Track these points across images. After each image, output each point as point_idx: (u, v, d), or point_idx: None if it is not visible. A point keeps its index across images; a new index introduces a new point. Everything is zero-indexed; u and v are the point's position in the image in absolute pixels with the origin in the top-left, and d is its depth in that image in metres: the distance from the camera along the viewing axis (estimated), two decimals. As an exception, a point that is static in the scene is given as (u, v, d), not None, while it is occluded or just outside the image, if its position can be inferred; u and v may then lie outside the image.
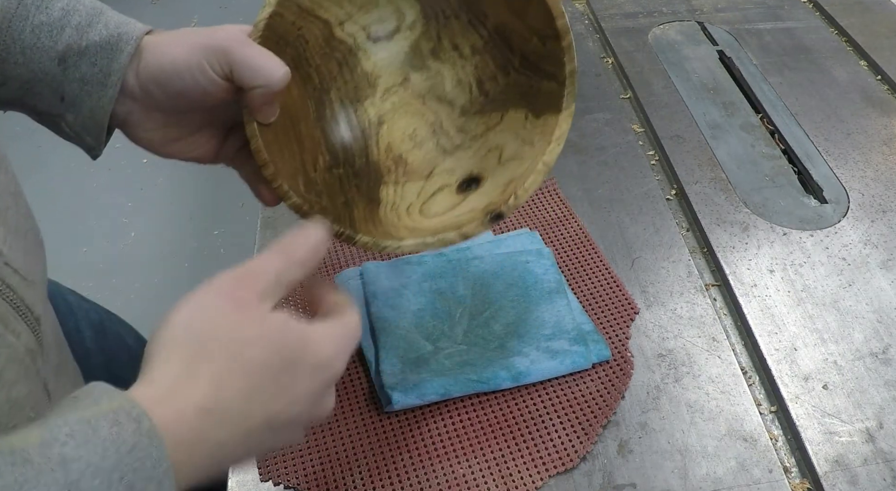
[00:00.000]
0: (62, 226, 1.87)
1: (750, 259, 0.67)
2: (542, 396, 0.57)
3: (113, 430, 0.30)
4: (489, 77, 0.55)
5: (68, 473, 0.28)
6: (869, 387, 0.57)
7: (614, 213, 0.72)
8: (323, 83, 0.54)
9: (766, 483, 0.52)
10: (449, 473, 0.53)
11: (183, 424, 0.33)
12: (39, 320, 0.44)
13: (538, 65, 0.52)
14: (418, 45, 0.56)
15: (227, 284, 0.38)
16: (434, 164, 0.55)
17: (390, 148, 0.56)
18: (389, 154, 0.55)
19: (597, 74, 0.90)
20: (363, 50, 0.55)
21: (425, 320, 0.60)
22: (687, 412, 0.56)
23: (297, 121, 0.51)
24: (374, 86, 0.56)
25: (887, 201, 0.72)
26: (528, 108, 0.53)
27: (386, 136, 0.56)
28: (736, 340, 0.62)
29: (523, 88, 0.54)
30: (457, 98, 0.56)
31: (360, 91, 0.55)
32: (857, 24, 0.96)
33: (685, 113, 0.83)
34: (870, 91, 0.86)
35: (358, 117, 0.55)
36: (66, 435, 0.29)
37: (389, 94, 0.56)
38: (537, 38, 0.51)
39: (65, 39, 0.45)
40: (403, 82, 0.56)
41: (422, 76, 0.56)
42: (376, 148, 0.55)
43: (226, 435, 0.35)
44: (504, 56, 0.54)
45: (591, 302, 0.63)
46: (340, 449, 0.54)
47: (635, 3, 1.02)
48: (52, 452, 0.29)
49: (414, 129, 0.56)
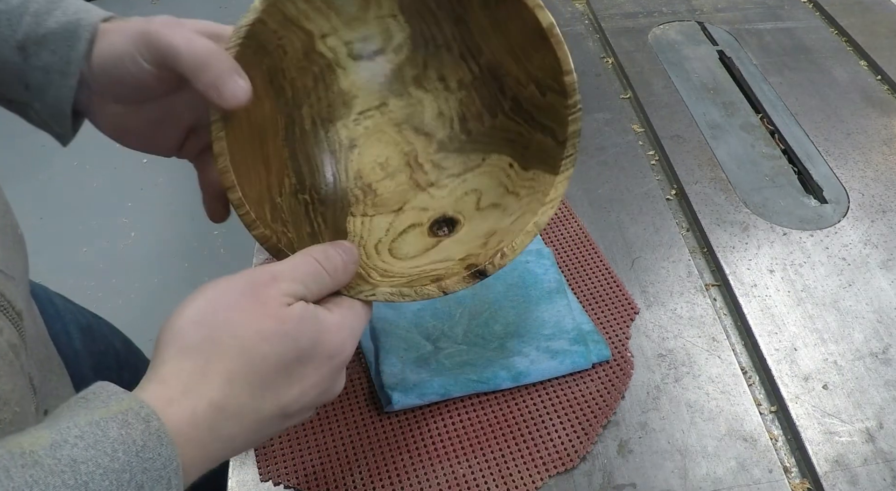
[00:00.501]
0: (62, 226, 1.87)
1: (750, 259, 0.67)
2: (542, 396, 0.57)
3: (122, 431, 0.30)
4: (474, 115, 0.53)
5: (77, 474, 0.29)
6: (869, 387, 0.57)
7: (614, 213, 0.72)
8: (296, 98, 0.51)
9: (766, 483, 0.52)
10: (449, 473, 0.53)
11: (195, 422, 0.34)
12: (21, 315, 0.44)
13: (532, 114, 0.50)
14: (401, 70, 0.53)
15: (246, 279, 0.38)
16: (405, 199, 0.53)
17: (360, 175, 0.53)
18: (358, 182, 0.53)
19: (597, 74, 0.90)
20: (342, 67, 0.52)
21: (425, 320, 0.60)
22: (687, 412, 0.56)
23: (266, 139, 0.48)
24: (348, 106, 0.53)
25: (887, 201, 0.72)
26: (514, 156, 0.51)
27: (356, 161, 0.53)
28: (736, 340, 0.62)
29: (511, 135, 0.51)
30: (436, 131, 0.54)
31: (333, 110, 0.53)
32: (857, 24, 0.96)
33: (685, 113, 0.83)
34: (870, 91, 0.86)
35: (328, 139, 0.52)
36: (76, 436, 0.30)
37: (364, 117, 0.53)
38: (535, 86, 0.49)
39: (24, 28, 0.44)
40: (381, 107, 0.53)
41: (401, 103, 0.53)
42: (345, 173, 0.53)
43: (237, 429, 0.35)
44: (493, 96, 0.52)
45: (591, 302, 0.63)
46: (340, 449, 0.54)
47: (635, 3, 1.02)
48: (61, 453, 0.29)
49: (386, 157, 0.53)
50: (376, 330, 0.59)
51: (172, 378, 0.34)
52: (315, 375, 0.38)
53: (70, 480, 0.28)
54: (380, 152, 0.53)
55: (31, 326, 0.49)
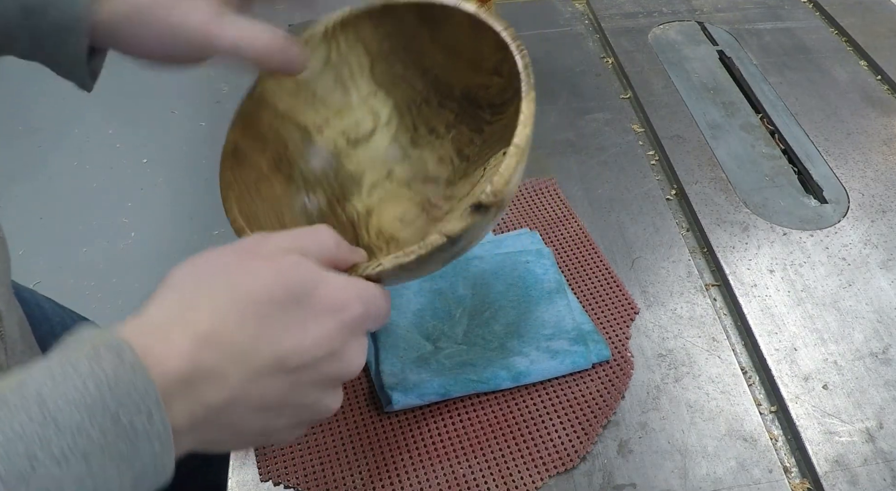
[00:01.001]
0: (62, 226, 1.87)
1: (750, 259, 0.67)
2: (542, 396, 0.57)
3: (93, 364, 0.29)
4: (467, 143, 0.55)
5: (45, 409, 0.27)
6: (869, 387, 0.57)
7: (614, 213, 0.72)
8: (307, 184, 0.54)
9: (766, 483, 0.52)
10: (449, 473, 0.53)
11: (176, 353, 0.31)
12: (1, 315, 0.44)
13: (504, 102, 0.52)
14: (397, 139, 0.57)
15: (243, 242, 0.37)
16: (426, 233, 0.54)
17: (381, 232, 0.55)
18: (381, 237, 0.55)
19: (597, 74, 0.90)
20: (345, 154, 0.56)
21: (425, 320, 0.60)
22: (687, 412, 0.56)
23: (282, 213, 0.51)
24: (359, 184, 0.56)
25: (887, 201, 0.72)
26: (506, 143, 0.53)
27: (375, 223, 0.55)
28: (736, 340, 0.62)
29: (498, 134, 0.53)
30: (441, 174, 0.56)
31: (345, 189, 0.56)
32: (857, 24, 0.96)
33: (685, 113, 0.83)
34: (870, 91, 0.86)
35: (346, 213, 0.55)
36: (45, 375, 0.28)
37: (375, 188, 0.56)
38: (497, 75, 0.51)
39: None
40: (388, 176, 0.57)
41: (405, 165, 0.57)
42: (366, 233, 0.55)
43: (231, 369, 0.32)
44: (476, 117, 0.54)
45: (591, 302, 0.63)
46: (340, 449, 0.54)
47: (635, 3, 1.02)
48: (28, 391, 0.28)
49: (403, 212, 0.56)
50: (376, 330, 0.59)
51: (155, 310, 0.33)
52: (317, 327, 0.35)
53: (37, 415, 0.27)
54: (396, 210, 0.56)
55: (15, 327, 0.49)
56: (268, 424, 0.35)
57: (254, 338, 0.33)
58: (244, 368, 0.33)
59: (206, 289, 0.34)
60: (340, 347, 0.36)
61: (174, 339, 0.31)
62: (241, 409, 0.33)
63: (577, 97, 0.86)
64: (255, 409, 0.34)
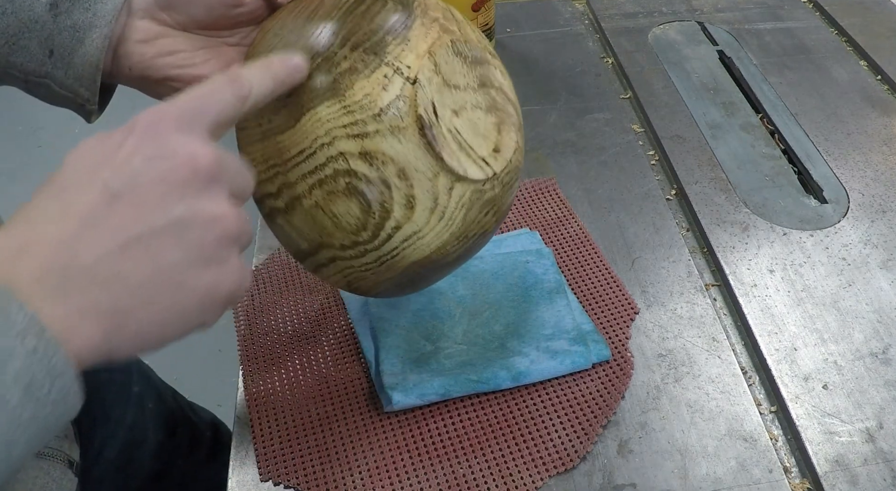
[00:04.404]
0: (62, 226, 1.87)
1: (750, 259, 0.67)
2: (542, 396, 0.57)
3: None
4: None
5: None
6: (869, 387, 0.57)
7: (614, 213, 0.72)
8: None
9: (766, 483, 0.52)
10: (449, 473, 0.53)
11: (4, 232, 0.30)
12: None
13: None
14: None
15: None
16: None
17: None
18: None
19: (597, 74, 0.90)
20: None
21: (425, 320, 0.60)
22: (687, 412, 0.56)
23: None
24: None
25: (887, 201, 0.72)
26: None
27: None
28: (736, 340, 0.62)
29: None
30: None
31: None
32: (857, 24, 0.96)
33: (685, 113, 0.83)
34: (870, 91, 0.86)
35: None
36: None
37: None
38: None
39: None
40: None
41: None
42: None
43: (54, 220, 0.31)
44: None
45: (591, 302, 0.63)
46: (340, 449, 0.54)
47: (635, 3, 1.02)
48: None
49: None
50: (376, 330, 0.59)
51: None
52: (134, 148, 0.32)
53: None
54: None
55: None
56: (152, 262, 0.32)
57: (77, 176, 0.32)
58: (72, 212, 0.31)
59: (43, 195, 0.32)
60: (160, 153, 0.33)
61: (5, 227, 0.30)
62: (93, 255, 0.31)
63: (577, 97, 0.86)
64: (114, 248, 0.31)
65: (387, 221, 0.44)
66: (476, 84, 0.47)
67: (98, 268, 0.30)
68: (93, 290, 0.30)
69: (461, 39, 0.47)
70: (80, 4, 0.44)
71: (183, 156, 0.33)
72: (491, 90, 0.48)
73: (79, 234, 0.30)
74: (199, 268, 0.33)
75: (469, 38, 0.47)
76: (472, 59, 0.47)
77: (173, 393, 0.81)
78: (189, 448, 0.79)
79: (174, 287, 0.32)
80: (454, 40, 0.46)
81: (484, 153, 0.46)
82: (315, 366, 0.60)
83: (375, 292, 0.49)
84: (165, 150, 0.33)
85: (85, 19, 0.44)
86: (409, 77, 0.43)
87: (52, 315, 0.29)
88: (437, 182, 0.44)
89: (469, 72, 0.47)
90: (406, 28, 0.44)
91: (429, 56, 0.44)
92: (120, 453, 0.68)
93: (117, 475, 0.68)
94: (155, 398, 0.75)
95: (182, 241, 0.32)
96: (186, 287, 0.33)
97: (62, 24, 0.44)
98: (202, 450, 0.81)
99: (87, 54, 0.45)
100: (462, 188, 0.45)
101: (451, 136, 0.45)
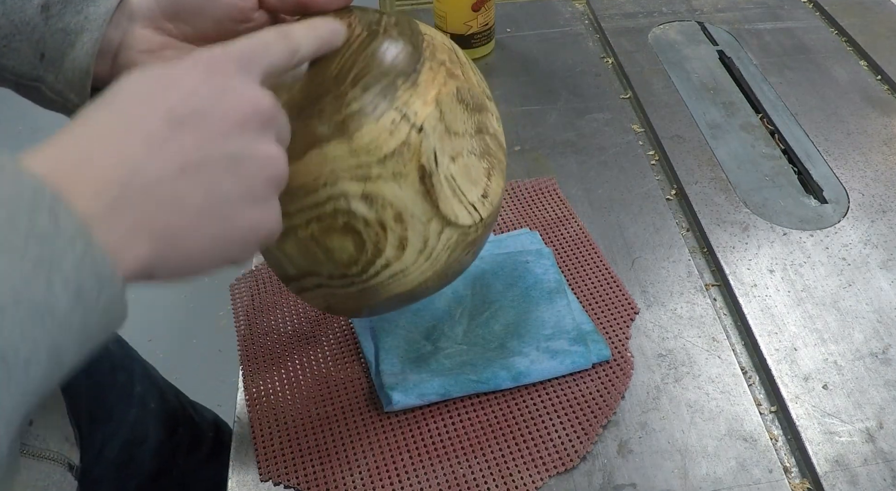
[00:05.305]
0: (62, 226, 1.87)
1: (750, 259, 0.67)
2: (542, 396, 0.57)
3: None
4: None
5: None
6: (869, 387, 0.57)
7: (614, 213, 0.72)
8: None
9: (766, 483, 0.52)
10: (449, 473, 0.53)
11: (61, 142, 0.30)
12: None
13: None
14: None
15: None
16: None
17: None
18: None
19: (597, 74, 0.90)
20: None
21: (425, 320, 0.60)
22: (687, 412, 0.56)
23: None
24: None
25: (887, 201, 0.72)
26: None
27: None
28: (736, 340, 0.62)
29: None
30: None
31: None
32: (857, 24, 0.96)
33: (685, 113, 0.83)
34: (870, 91, 0.86)
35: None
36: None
37: None
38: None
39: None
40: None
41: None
42: None
43: (121, 136, 0.31)
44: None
45: (591, 302, 0.63)
46: (340, 449, 0.54)
47: (635, 3, 1.02)
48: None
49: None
50: (376, 330, 0.59)
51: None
52: (189, 77, 0.34)
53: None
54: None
55: None
56: (207, 191, 0.33)
57: (134, 110, 0.32)
58: (135, 132, 0.31)
59: (105, 111, 0.32)
60: (224, 85, 0.34)
61: (61, 138, 0.30)
62: (153, 174, 0.31)
63: (577, 97, 0.86)
64: (174, 171, 0.32)
65: (378, 259, 0.44)
66: (473, 130, 0.48)
67: (156, 189, 0.31)
68: (148, 209, 0.31)
69: (465, 86, 0.47)
70: (71, 7, 0.44)
71: (247, 95, 0.34)
72: (486, 136, 0.50)
73: (141, 153, 0.31)
74: (248, 203, 0.34)
75: (472, 84, 0.49)
76: (473, 106, 0.48)
77: (176, 392, 0.81)
78: (189, 447, 0.79)
79: (223, 218, 0.34)
80: (459, 88, 0.47)
81: (473, 199, 0.48)
82: (315, 366, 0.60)
83: (351, 315, 0.51)
84: (229, 87, 0.34)
85: (76, 23, 0.44)
86: (415, 124, 0.43)
87: (105, 229, 0.29)
88: (430, 226, 0.45)
89: (469, 119, 0.48)
90: (415, 72, 0.44)
91: (435, 104, 0.45)
92: (120, 452, 0.68)
93: (117, 474, 0.68)
94: (157, 398, 0.75)
95: (237, 176, 0.34)
96: (234, 219, 0.34)
97: (53, 27, 0.44)
98: (203, 449, 0.81)
99: (77, 59, 0.44)
100: (450, 232, 0.46)
101: (447, 183, 0.46)
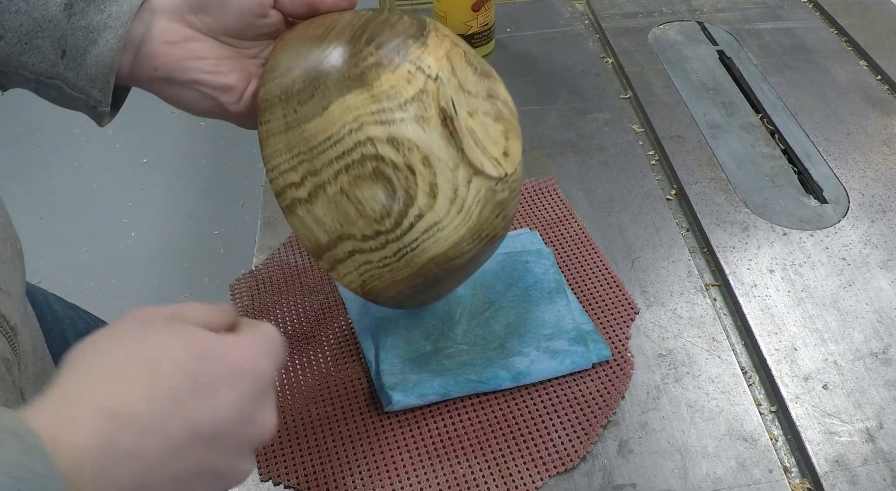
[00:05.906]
0: (62, 226, 1.87)
1: (750, 259, 0.67)
2: (542, 396, 0.57)
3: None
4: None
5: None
6: (869, 387, 0.57)
7: (614, 213, 0.72)
8: None
9: (766, 483, 0.52)
10: (449, 473, 0.53)
11: (81, 431, 0.30)
12: (16, 330, 0.43)
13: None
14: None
15: (126, 317, 0.36)
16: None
17: None
18: None
19: (597, 74, 0.90)
20: None
21: (425, 320, 0.60)
22: (687, 412, 0.56)
23: None
24: None
25: (887, 201, 0.72)
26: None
27: None
28: (736, 340, 0.62)
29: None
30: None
31: None
32: (857, 24, 0.96)
33: (685, 113, 0.83)
34: (870, 91, 0.86)
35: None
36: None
37: None
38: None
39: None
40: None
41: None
42: None
43: (144, 445, 0.31)
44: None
45: (591, 302, 0.63)
46: (340, 449, 0.54)
47: (635, 3, 1.02)
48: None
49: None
50: (376, 330, 0.59)
51: (54, 392, 0.31)
52: (224, 393, 0.34)
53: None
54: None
55: (27, 340, 0.48)
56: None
57: (162, 410, 0.32)
58: (158, 442, 0.31)
59: (111, 363, 0.32)
60: (252, 413, 0.35)
61: (81, 417, 0.30)
62: (156, 482, 0.32)
63: (577, 97, 0.86)
64: (170, 480, 0.32)
65: (410, 209, 0.45)
66: (485, 94, 0.50)
67: (148, 460, 0.31)
68: (121, 463, 0.31)
69: (471, 52, 0.51)
70: (94, 5, 0.44)
71: (269, 426, 0.36)
72: (497, 102, 0.51)
73: (156, 460, 0.32)
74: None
75: (476, 55, 0.51)
76: (481, 71, 0.51)
77: None
78: None
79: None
80: (465, 51, 0.50)
81: (496, 154, 0.49)
82: (315, 366, 0.60)
83: (388, 295, 0.50)
84: (261, 413, 0.36)
85: (99, 20, 0.44)
86: (430, 74, 0.46)
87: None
88: (458, 173, 0.46)
89: (479, 82, 0.50)
90: (423, 36, 0.47)
91: (446, 59, 0.47)
92: None
93: None
94: None
95: (224, 477, 0.35)
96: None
97: (76, 25, 0.44)
98: None
99: (101, 55, 0.45)
100: (479, 183, 0.47)
101: (469, 134, 0.47)
